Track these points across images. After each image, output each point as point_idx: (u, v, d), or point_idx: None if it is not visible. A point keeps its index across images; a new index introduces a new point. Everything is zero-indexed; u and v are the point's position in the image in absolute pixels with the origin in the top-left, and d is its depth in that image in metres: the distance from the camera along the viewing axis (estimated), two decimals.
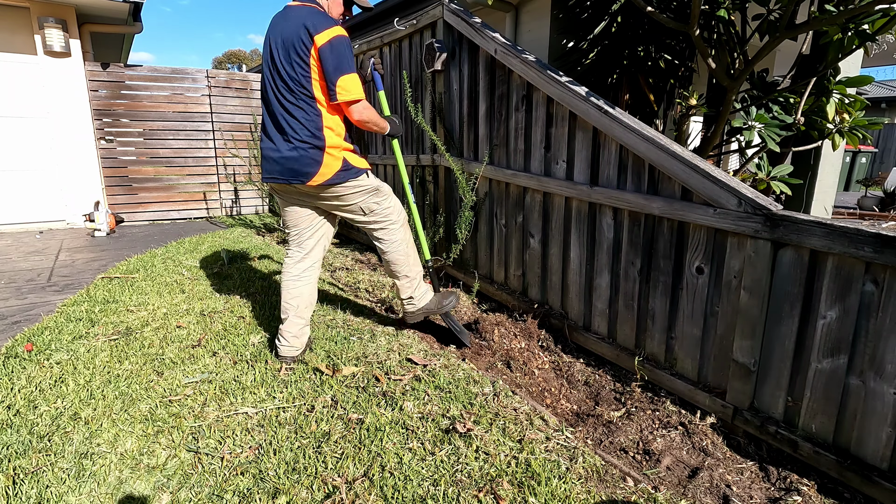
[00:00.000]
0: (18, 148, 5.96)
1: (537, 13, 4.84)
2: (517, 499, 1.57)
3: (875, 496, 1.63)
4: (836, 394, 1.73)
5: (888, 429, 1.61)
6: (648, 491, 1.65)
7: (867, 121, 2.53)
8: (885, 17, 2.10)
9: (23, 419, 2.00)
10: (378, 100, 2.87)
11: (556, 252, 2.88)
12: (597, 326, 2.68)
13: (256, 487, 1.63)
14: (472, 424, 1.93)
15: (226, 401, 2.14)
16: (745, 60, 2.54)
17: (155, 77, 6.71)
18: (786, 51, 4.55)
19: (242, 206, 7.61)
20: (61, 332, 2.81)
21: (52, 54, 5.84)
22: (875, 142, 14.11)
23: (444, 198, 3.89)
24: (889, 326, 1.58)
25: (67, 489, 1.63)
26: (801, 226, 1.74)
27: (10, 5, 5.62)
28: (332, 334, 2.76)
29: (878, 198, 8.81)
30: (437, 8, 3.60)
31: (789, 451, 1.86)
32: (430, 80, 3.82)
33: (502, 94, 3.14)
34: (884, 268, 1.57)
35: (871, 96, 15.38)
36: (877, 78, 16.13)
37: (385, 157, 4.70)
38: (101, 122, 6.43)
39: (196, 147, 7.08)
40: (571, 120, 2.64)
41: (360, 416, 2.00)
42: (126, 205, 6.78)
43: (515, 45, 2.99)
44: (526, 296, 3.18)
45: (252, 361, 2.48)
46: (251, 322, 2.97)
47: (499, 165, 3.27)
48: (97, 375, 2.34)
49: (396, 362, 2.43)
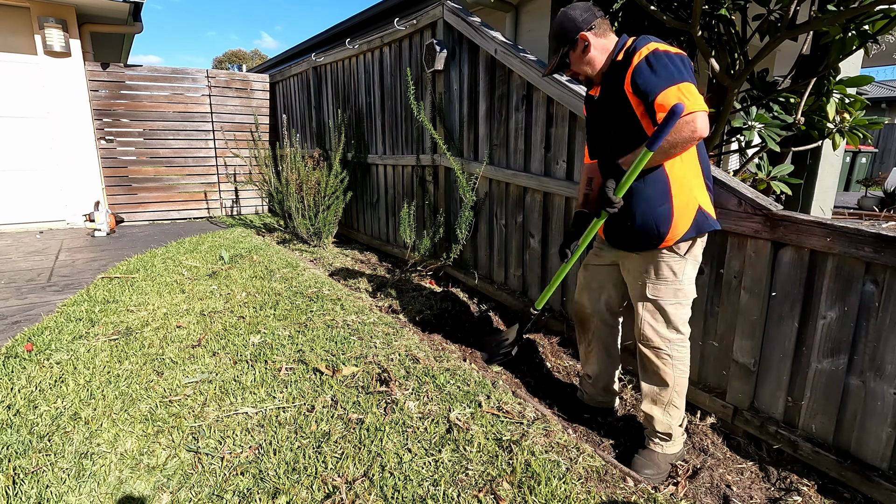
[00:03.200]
0: (18, 148, 5.96)
1: (537, 13, 4.84)
2: (517, 499, 1.57)
3: (875, 496, 1.63)
4: (836, 394, 1.73)
5: (888, 429, 1.61)
6: (648, 491, 1.65)
7: (867, 121, 2.52)
8: (885, 17, 2.10)
9: (23, 419, 2.00)
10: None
11: (556, 252, 2.88)
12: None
13: (256, 487, 1.63)
14: (473, 424, 1.93)
15: (226, 401, 2.14)
16: (746, 60, 2.54)
17: (155, 77, 6.71)
18: (786, 51, 4.55)
19: (242, 206, 7.61)
20: (61, 332, 2.81)
21: (53, 54, 5.84)
22: (875, 142, 14.10)
23: (444, 198, 3.89)
24: (889, 326, 1.58)
25: (67, 489, 1.63)
26: (800, 226, 1.73)
27: (10, 5, 5.62)
28: (332, 334, 2.75)
29: (879, 198, 8.81)
30: (437, 8, 3.60)
31: (789, 451, 1.86)
32: (431, 80, 3.82)
33: (502, 94, 3.14)
34: (884, 268, 1.57)
35: (872, 96, 15.37)
36: (877, 78, 16.11)
37: (385, 157, 4.70)
38: (101, 122, 6.43)
39: (196, 147, 7.08)
40: (571, 120, 2.64)
41: (360, 416, 2.00)
42: (126, 205, 6.78)
43: (515, 45, 2.99)
44: (526, 296, 3.18)
45: (252, 361, 2.48)
46: (251, 322, 2.97)
47: (499, 165, 3.27)
48: (97, 375, 2.34)
49: (397, 362, 2.43)
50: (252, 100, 7.37)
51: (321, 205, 5.03)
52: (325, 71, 5.66)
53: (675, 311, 1.78)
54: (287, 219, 5.58)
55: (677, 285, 1.76)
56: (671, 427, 1.85)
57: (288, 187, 5.12)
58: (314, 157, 5.38)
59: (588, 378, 2.23)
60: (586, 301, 2.12)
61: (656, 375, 1.84)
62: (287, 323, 2.94)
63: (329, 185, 4.98)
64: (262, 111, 7.47)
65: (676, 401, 1.85)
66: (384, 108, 4.62)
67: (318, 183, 5.00)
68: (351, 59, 5.07)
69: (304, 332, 2.80)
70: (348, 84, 5.21)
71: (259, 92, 7.41)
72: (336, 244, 5.49)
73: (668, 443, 1.87)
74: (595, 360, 2.17)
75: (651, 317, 1.81)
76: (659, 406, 1.86)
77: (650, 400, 1.88)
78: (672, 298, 1.77)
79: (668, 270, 1.75)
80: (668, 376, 1.81)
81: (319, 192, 5.00)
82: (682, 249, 1.73)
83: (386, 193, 4.82)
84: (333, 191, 5.03)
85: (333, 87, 5.53)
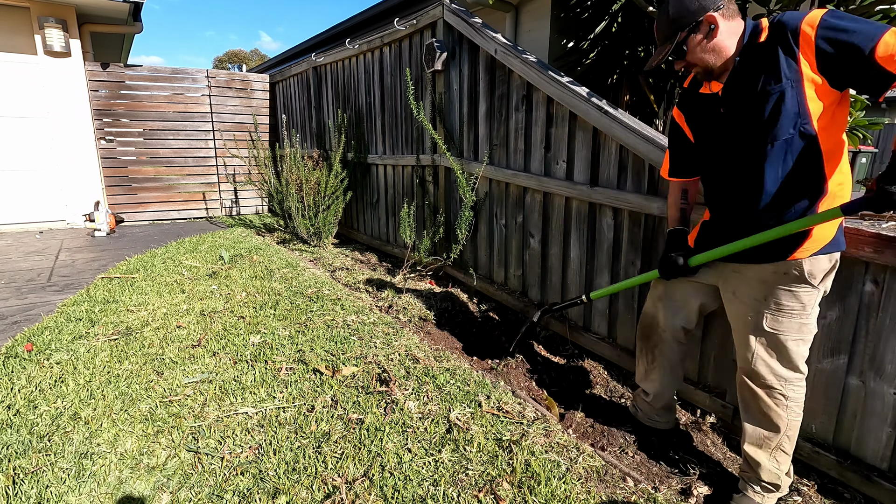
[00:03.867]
0: (18, 148, 5.96)
1: (537, 13, 4.83)
2: (517, 499, 1.57)
3: (875, 496, 1.63)
4: (835, 394, 1.73)
5: (888, 429, 1.61)
6: (648, 491, 1.65)
7: (867, 121, 2.52)
8: (885, 17, 2.10)
9: (23, 419, 2.00)
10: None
11: (556, 252, 2.88)
12: (597, 327, 2.68)
13: (256, 487, 1.63)
14: (473, 424, 1.93)
15: (226, 401, 2.14)
16: None
17: (155, 77, 6.71)
18: None
19: (242, 206, 7.61)
20: (61, 332, 2.81)
21: (53, 54, 5.84)
22: (875, 142, 14.10)
23: (444, 198, 3.89)
24: (889, 326, 1.58)
25: (67, 489, 1.63)
26: None
27: (10, 5, 5.62)
28: (332, 334, 2.75)
29: None
30: (437, 8, 3.60)
31: None
32: (431, 80, 3.82)
33: (502, 94, 3.14)
34: (884, 268, 1.57)
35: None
36: None
37: (385, 157, 4.70)
38: (101, 122, 6.43)
39: (196, 147, 7.08)
40: (571, 120, 2.64)
41: (360, 416, 2.00)
42: (126, 205, 6.78)
43: (516, 45, 2.99)
44: (526, 296, 3.18)
45: (252, 361, 2.48)
46: (251, 322, 2.97)
47: (499, 165, 3.27)
48: (97, 375, 2.34)
49: (397, 362, 2.43)
50: (252, 100, 7.37)
51: (321, 205, 5.03)
52: (325, 71, 5.66)
53: (796, 347, 1.51)
54: (287, 219, 5.58)
55: (803, 319, 1.49)
56: (779, 477, 1.59)
57: (288, 187, 5.12)
58: (314, 158, 5.38)
59: (645, 395, 2.03)
60: (661, 314, 1.89)
61: (766, 418, 1.58)
62: (287, 323, 2.94)
63: (329, 185, 4.98)
64: (262, 111, 7.47)
65: (786, 446, 1.58)
66: (384, 108, 4.62)
67: (318, 183, 5.00)
68: (351, 59, 5.07)
69: (304, 332, 2.80)
70: (348, 84, 5.21)
71: (259, 92, 7.41)
72: (336, 244, 5.49)
73: (771, 494, 1.62)
74: (657, 378, 1.96)
75: (765, 352, 1.55)
76: (765, 451, 1.60)
77: (754, 444, 1.61)
78: (795, 334, 1.50)
79: (796, 301, 1.48)
80: (781, 419, 1.55)
81: (319, 192, 5.00)
82: (816, 278, 1.46)
83: (386, 193, 4.82)
84: (333, 191, 5.03)
85: (333, 87, 5.53)
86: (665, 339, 1.90)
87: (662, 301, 1.88)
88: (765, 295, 1.52)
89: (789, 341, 1.51)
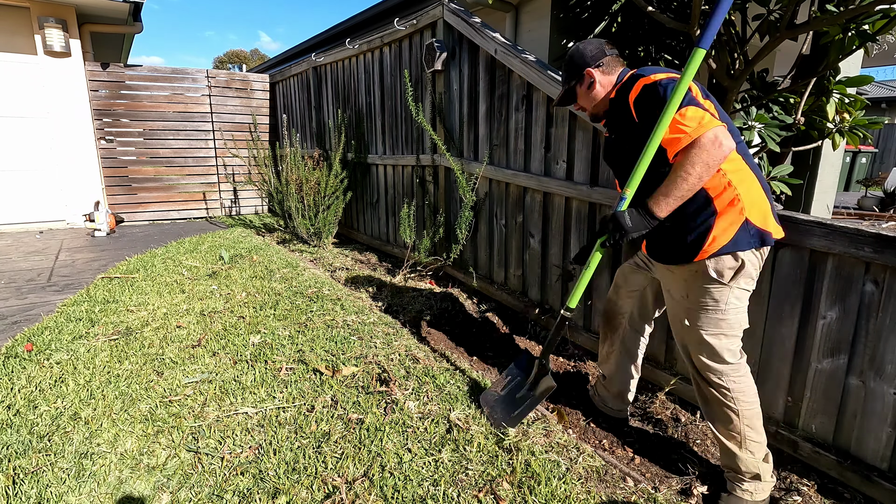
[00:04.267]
0: (18, 148, 5.95)
1: (537, 13, 4.83)
2: (517, 499, 1.57)
3: (875, 496, 1.63)
4: (835, 394, 1.73)
5: (888, 429, 1.61)
6: (648, 491, 1.65)
7: (867, 120, 2.52)
8: (885, 17, 2.10)
9: (23, 419, 2.00)
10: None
11: (556, 252, 2.88)
12: (597, 326, 2.68)
13: (256, 487, 1.63)
14: (473, 424, 1.93)
15: (226, 401, 2.14)
16: (746, 60, 2.54)
17: (155, 77, 6.71)
18: (786, 51, 4.55)
19: (242, 206, 7.61)
20: (61, 332, 2.81)
21: (52, 54, 5.84)
22: (875, 142, 14.11)
23: (444, 198, 3.89)
24: (889, 326, 1.58)
25: (67, 489, 1.63)
26: (800, 226, 1.74)
27: (10, 5, 5.62)
28: (332, 334, 2.75)
29: (879, 198, 8.81)
30: (437, 8, 3.60)
31: (789, 451, 1.86)
32: (431, 80, 3.82)
33: (502, 94, 3.14)
34: (884, 268, 1.57)
35: (872, 96, 15.37)
36: (877, 78, 16.11)
37: (385, 157, 4.70)
38: (101, 122, 6.43)
39: (196, 147, 7.08)
40: (571, 120, 2.64)
41: (360, 416, 2.00)
42: (126, 205, 6.78)
43: (515, 45, 2.99)
44: (526, 296, 3.18)
45: (252, 361, 2.48)
46: (251, 322, 2.97)
47: (499, 165, 3.27)
48: (97, 375, 2.34)
49: (397, 362, 2.43)
50: (252, 100, 7.37)
51: (321, 205, 5.03)
52: (325, 71, 5.66)
53: (717, 342, 1.60)
54: (287, 219, 5.58)
55: (719, 315, 1.58)
56: (757, 465, 1.63)
57: (288, 187, 5.12)
58: (314, 157, 5.38)
59: (602, 379, 2.17)
60: (621, 301, 2.04)
61: (720, 411, 1.65)
62: (287, 323, 2.94)
63: (329, 185, 4.98)
64: (262, 111, 7.47)
65: (752, 434, 1.62)
66: (384, 108, 4.63)
67: (318, 183, 5.00)
68: (351, 59, 5.07)
69: (304, 332, 2.80)
70: (348, 84, 5.21)
71: (259, 92, 7.41)
72: (336, 244, 5.49)
73: (758, 484, 1.65)
74: (614, 361, 2.09)
75: (695, 347, 1.65)
76: (733, 443, 1.64)
77: (723, 436, 1.66)
78: (713, 328, 1.60)
79: (709, 297, 1.58)
80: (733, 411, 1.62)
81: (319, 192, 5.00)
82: (724, 276, 1.54)
83: (386, 193, 4.82)
84: (333, 191, 5.03)
85: (333, 87, 5.53)
86: (623, 325, 2.05)
87: (622, 288, 2.03)
88: (686, 293, 1.65)
89: (708, 336, 1.61)
